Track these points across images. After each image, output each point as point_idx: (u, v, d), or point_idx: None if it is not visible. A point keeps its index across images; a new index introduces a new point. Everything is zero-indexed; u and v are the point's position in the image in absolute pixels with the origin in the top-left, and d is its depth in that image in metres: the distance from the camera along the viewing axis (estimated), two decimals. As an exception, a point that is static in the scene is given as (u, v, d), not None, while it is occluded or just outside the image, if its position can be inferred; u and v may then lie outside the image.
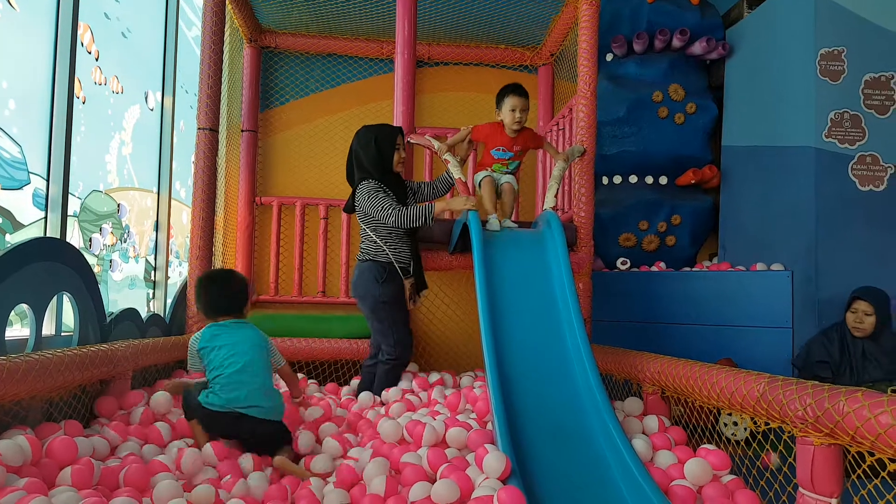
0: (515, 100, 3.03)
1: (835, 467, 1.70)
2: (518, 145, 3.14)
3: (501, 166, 3.16)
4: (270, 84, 4.71)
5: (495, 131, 3.14)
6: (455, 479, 1.85)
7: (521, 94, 3.04)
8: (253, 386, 2.24)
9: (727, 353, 3.64)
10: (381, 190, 2.96)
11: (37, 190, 2.74)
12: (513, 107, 3.04)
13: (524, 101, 3.04)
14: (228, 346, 2.29)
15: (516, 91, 3.05)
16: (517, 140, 3.13)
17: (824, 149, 3.72)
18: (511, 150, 3.13)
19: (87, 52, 3.16)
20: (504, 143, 3.12)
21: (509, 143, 3.13)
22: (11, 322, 2.16)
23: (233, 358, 2.26)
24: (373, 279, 2.98)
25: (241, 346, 2.30)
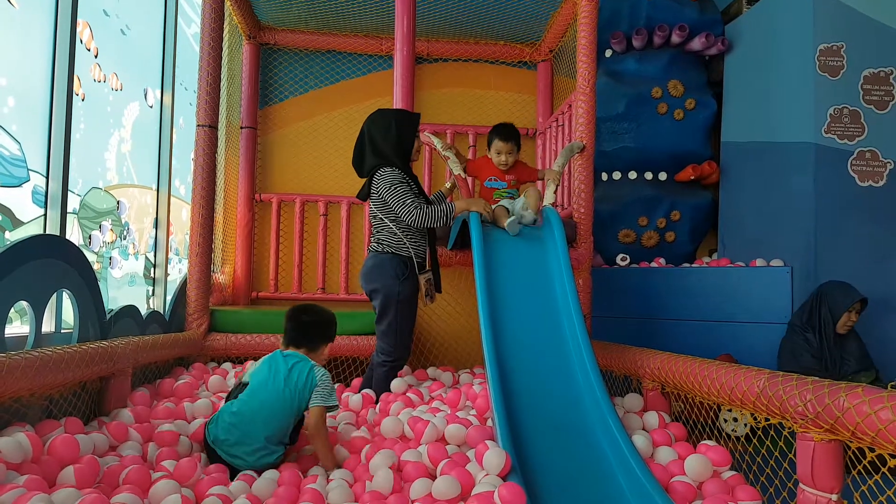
0: (500, 144, 3.09)
1: (835, 463, 1.70)
2: (511, 176, 3.17)
3: (501, 193, 3.14)
4: (270, 81, 4.71)
5: (486, 163, 3.17)
6: (455, 475, 1.85)
7: (505, 139, 3.07)
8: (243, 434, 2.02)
9: (727, 348, 3.64)
10: (404, 182, 2.85)
11: (36, 187, 2.74)
12: (498, 150, 3.10)
13: (509, 145, 3.08)
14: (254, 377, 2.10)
15: (501, 135, 3.08)
16: (509, 171, 3.17)
17: (824, 144, 3.72)
18: (504, 180, 3.15)
19: (86, 50, 3.15)
20: (496, 174, 3.15)
21: (501, 173, 3.16)
22: (11, 319, 2.16)
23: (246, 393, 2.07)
24: (393, 274, 2.86)
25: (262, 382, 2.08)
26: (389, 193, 2.82)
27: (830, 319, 3.25)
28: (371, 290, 2.94)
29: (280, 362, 2.14)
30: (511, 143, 3.09)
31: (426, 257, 3.01)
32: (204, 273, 3.57)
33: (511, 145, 3.09)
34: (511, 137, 3.09)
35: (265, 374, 2.12)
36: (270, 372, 2.12)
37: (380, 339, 2.98)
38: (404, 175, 2.88)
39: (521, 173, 3.22)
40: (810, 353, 3.22)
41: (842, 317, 3.23)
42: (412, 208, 2.80)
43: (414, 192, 2.88)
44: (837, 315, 3.25)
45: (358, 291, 4.43)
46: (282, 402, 2.07)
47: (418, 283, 2.94)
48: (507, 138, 3.09)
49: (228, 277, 4.41)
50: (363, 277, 2.98)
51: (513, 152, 3.11)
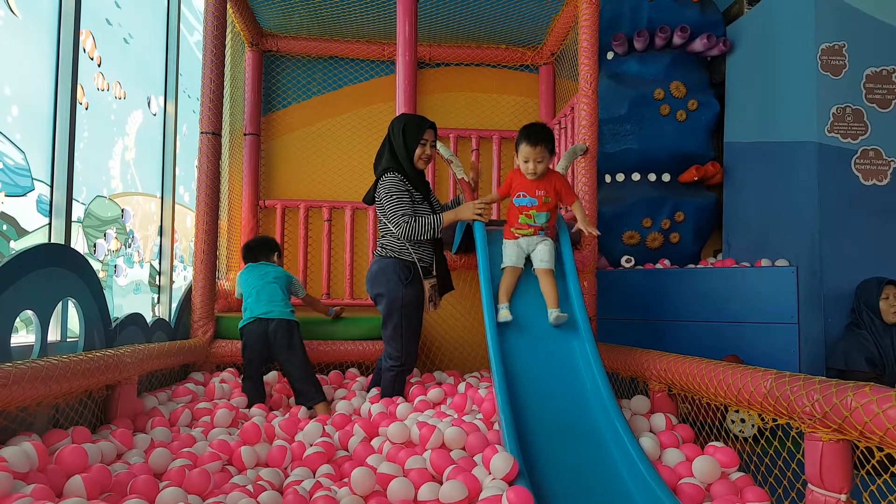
0: (526, 149, 2.64)
1: (844, 463, 1.69)
2: (541, 189, 2.66)
3: (527, 219, 2.67)
4: (272, 87, 4.72)
5: (516, 176, 2.73)
6: (462, 479, 1.85)
7: (532, 142, 2.63)
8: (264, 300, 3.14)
9: (733, 349, 3.63)
10: (402, 191, 2.83)
11: (41, 196, 2.75)
12: (525, 157, 2.65)
13: (537, 149, 2.62)
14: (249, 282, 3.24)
15: (528, 138, 2.64)
16: (540, 184, 2.67)
17: (827, 144, 3.71)
18: (533, 195, 2.65)
19: (89, 58, 3.17)
20: (525, 188, 2.67)
21: (531, 187, 2.67)
22: (17, 328, 2.16)
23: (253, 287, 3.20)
24: (396, 279, 2.85)
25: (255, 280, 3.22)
26: (387, 201, 2.84)
27: (870, 311, 3.34)
28: (375, 295, 2.94)
29: (256, 266, 3.31)
30: (540, 147, 2.62)
31: (432, 262, 2.99)
32: (209, 280, 3.58)
33: (540, 149, 2.62)
34: (540, 139, 2.62)
35: (253, 274, 3.25)
36: (255, 272, 3.26)
37: (386, 344, 2.98)
38: (406, 182, 2.88)
39: (554, 187, 2.69)
40: (864, 356, 3.27)
41: (880, 304, 3.32)
42: (401, 221, 2.81)
43: (410, 202, 2.85)
44: (874, 304, 3.33)
45: (363, 296, 4.43)
46: (274, 272, 3.27)
47: (423, 288, 2.93)
48: (536, 141, 2.62)
49: (233, 284, 4.42)
50: (368, 282, 2.98)
51: (543, 158, 2.64)
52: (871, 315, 3.32)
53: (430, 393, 2.92)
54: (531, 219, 2.67)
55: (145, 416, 2.56)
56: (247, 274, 3.28)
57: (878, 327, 3.30)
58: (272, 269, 3.29)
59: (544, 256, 2.66)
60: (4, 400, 1.78)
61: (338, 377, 3.46)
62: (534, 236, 2.69)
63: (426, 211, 2.96)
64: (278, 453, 2.20)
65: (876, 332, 3.30)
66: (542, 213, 2.68)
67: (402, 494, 1.83)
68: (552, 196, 2.68)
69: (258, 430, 2.35)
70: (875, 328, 3.30)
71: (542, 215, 2.68)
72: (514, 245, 2.70)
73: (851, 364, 3.27)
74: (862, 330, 3.36)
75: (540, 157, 2.63)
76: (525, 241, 2.70)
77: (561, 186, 2.71)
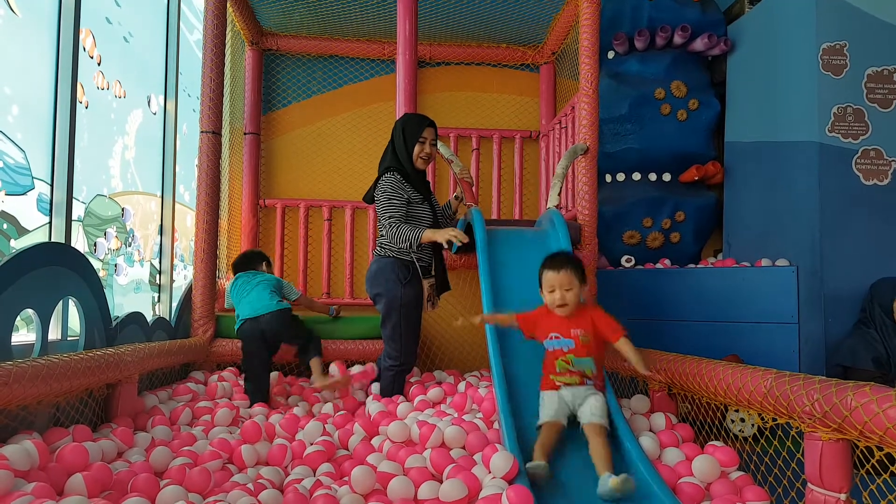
0: (551, 277, 2.21)
1: (843, 462, 1.69)
2: (577, 327, 2.17)
3: (565, 364, 2.16)
4: (272, 86, 4.72)
5: (543, 314, 2.28)
6: (462, 478, 1.85)
7: (556, 268, 2.21)
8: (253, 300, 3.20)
9: (733, 349, 3.63)
10: (396, 193, 2.84)
11: (41, 195, 2.75)
12: (550, 286, 2.21)
13: (562, 275, 2.19)
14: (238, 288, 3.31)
15: (551, 264, 2.24)
16: (574, 320, 2.18)
17: (828, 143, 3.71)
18: (568, 335, 2.16)
19: (89, 57, 3.17)
20: (556, 327, 2.19)
21: (563, 325, 2.18)
22: (17, 327, 2.17)
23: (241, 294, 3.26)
24: (395, 278, 2.86)
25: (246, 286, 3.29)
26: (380, 202, 2.88)
27: (883, 311, 3.32)
28: (374, 295, 2.95)
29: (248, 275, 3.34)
30: (566, 272, 2.17)
31: (431, 262, 3.00)
32: (209, 279, 3.58)
33: (566, 275, 2.17)
34: (566, 263, 2.19)
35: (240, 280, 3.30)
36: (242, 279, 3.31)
37: (386, 344, 2.99)
38: (403, 183, 2.88)
39: (591, 321, 2.19)
40: (871, 356, 3.25)
41: (894, 306, 3.30)
42: (387, 225, 2.83)
43: (403, 205, 2.85)
44: (888, 305, 3.31)
45: (363, 296, 4.43)
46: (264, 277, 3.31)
47: (422, 287, 2.93)
48: (560, 265, 2.19)
49: (233, 283, 4.42)
50: (367, 281, 2.98)
51: (572, 286, 2.18)
52: (883, 315, 3.31)
53: (430, 392, 2.92)
54: (570, 364, 2.14)
55: (146, 415, 2.57)
56: (235, 283, 3.35)
57: (889, 328, 3.29)
58: (259, 274, 3.35)
59: (595, 410, 2.08)
60: (5, 398, 1.78)
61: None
62: (580, 387, 2.13)
63: (424, 212, 2.96)
64: (279, 452, 2.20)
65: (886, 332, 3.29)
66: (583, 358, 2.13)
67: (402, 493, 1.84)
68: (591, 333, 2.16)
69: (258, 428, 2.35)
70: (885, 328, 3.30)
71: (585, 362, 2.14)
72: (555, 396, 2.14)
73: (858, 362, 3.27)
74: (871, 329, 3.34)
75: (568, 285, 2.18)
76: (570, 393, 2.13)
77: (599, 319, 2.20)
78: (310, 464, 2.15)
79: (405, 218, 2.87)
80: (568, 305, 2.20)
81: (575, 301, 2.21)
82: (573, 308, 2.21)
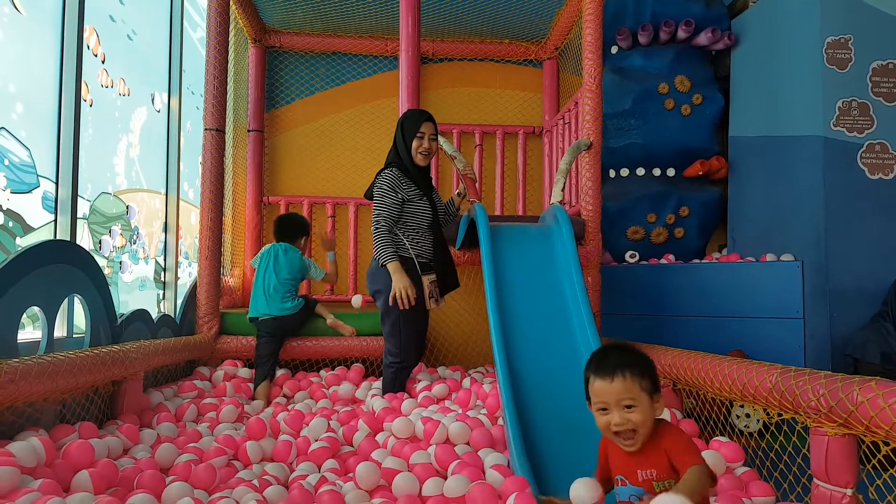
0: (601, 388, 1.45)
1: (849, 457, 1.68)
2: (646, 468, 1.45)
3: None
4: (276, 83, 4.72)
5: (608, 447, 1.56)
6: (467, 474, 1.85)
7: (607, 375, 1.44)
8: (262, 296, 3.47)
9: (738, 344, 3.62)
10: (390, 190, 2.85)
11: (46, 193, 2.76)
12: (603, 402, 1.45)
13: (619, 386, 1.42)
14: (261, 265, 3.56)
15: (600, 370, 1.46)
16: (643, 456, 1.45)
17: (832, 138, 3.69)
18: (635, 479, 1.46)
19: (93, 55, 3.18)
20: (622, 468, 1.50)
21: (629, 465, 1.48)
22: (23, 324, 2.18)
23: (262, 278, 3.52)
24: None
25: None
26: (374, 199, 2.91)
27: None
28: (374, 292, 2.96)
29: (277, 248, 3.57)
30: (622, 379, 1.42)
31: (432, 258, 2.99)
32: (214, 276, 3.59)
33: (623, 384, 1.42)
34: (622, 368, 1.43)
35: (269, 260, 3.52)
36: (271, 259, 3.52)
37: (386, 341, 3.00)
38: (400, 179, 2.89)
39: (665, 453, 1.43)
40: (881, 350, 3.22)
41: None
42: (377, 221, 2.87)
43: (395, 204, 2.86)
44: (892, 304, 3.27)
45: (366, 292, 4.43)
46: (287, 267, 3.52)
47: (421, 283, 2.92)
48: (614, 370, 1.44)
49: (238, 280, 4.43)
50: (368, 278, 3.00)
51: (636, 400, 1.42)
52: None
53: (434, 388, 2.93)
54: None
55: (151, 412, 2.58)
56: (265, 255, 3.56)
57: None
58: (285, 263, 3.53)
59: None
60: (12, 395, 1.79)
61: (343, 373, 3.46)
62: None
63: (423, 209, 2.96)
64: (283, 448, 2.21)
65: None
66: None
67: (406, 489, 1.84)
68: (665, 471, 1.43)
69: (263, 425, 2.36)
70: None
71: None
72: None
73: (867, 356, 3.25)
74: (887, 323, 3.31)
75: (630, 399, 1.42)
76: None
77: (671, 446, 1.42)
78: (314, 460, 2.16)
79: (395, 218, 2.88)
80: (635, 437, 1.43)
81: (642, 423, 1.42)
82: (644, 436, 1.43)
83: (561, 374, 2.42)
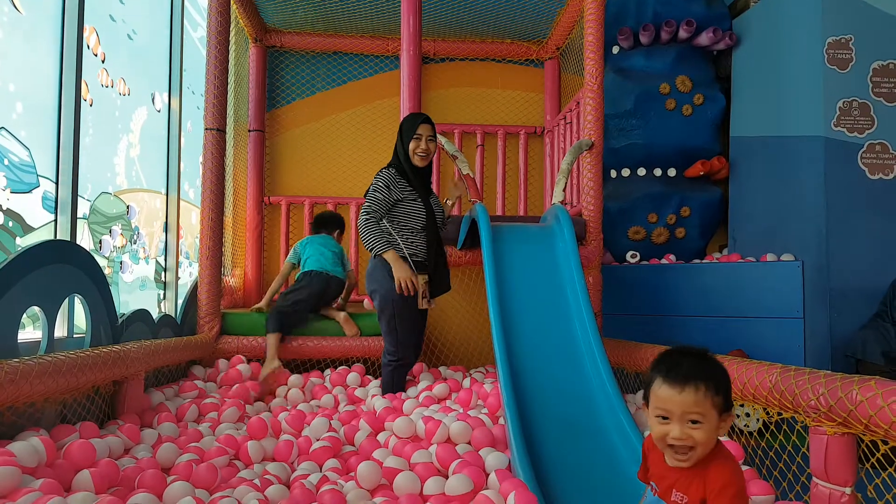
0: (667, 395, 1.30)
1: (848, 456, 1.69)
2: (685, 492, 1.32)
3: None
4: (277, 83, 4.73)
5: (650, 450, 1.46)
6: (468, 473, 1.85)
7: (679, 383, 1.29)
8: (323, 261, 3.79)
9: (738, 344, 3.62)
10: (381, 192, 2.90)
11: (46, 193, 2.76)
12: (663, 410, 1.29)
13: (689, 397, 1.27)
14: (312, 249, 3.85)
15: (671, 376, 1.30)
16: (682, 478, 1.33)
17: (833, 138, 3.69)
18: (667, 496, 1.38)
19: (93, 55, 3.18)
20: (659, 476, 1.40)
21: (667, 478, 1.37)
22: (24, 325, 2.18)
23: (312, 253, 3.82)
24: (386, 273, 2.89)
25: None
26: (368, 194, 2.95)
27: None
28: (371, 291, 3.01)
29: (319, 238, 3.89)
30: (697, 393, 1.27)
31: (427, 258, 2.99)
32: (214, 276, 3.59)
33: (698, 397, 1.27)
34: (696, 378, 1.28)
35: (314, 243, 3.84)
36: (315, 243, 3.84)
37: (384, 339, 3.04)
38: (396, 179, 2.93)
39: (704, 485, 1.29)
40: (881, 349, 3.23)
41: None
42: (365, 216, 2.90)
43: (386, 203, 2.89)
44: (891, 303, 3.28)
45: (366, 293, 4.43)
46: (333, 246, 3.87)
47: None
48: (686, 379, 1.28)
49: (239, 280, 4.43)
50: (365, 279, 3.04)
51: (705, 417, 1.27)
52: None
53: (435, 388, 2.93)
54: None
55: (152, 412, 2.58)
56: (308, 243, 3.85)
57: None
58: (331, 244, 3.87)
59: None
60: (12, 395, 1.79)
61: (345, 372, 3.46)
62: None
63: (417, 209, 2.97)
64: (285, 448, 2.21)
65: None
66: None
67: (408, 488, 1.84)
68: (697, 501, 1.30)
69: (265, 424, 2.36)
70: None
71: None
72: None
73: (868, 355, 3.25)
74: (887, 322, 3.32)
75: (696, 414, 1.27)
76: None
77: (715, 486, 1.27)
78: (316, 459, 2.16)
79: (383, 214, 2.93)
80: (689, 454, 1.28)
81: (707, 446, 1.28)
82: (700, 457, 1.29)
83: (562, 374, 2.43)
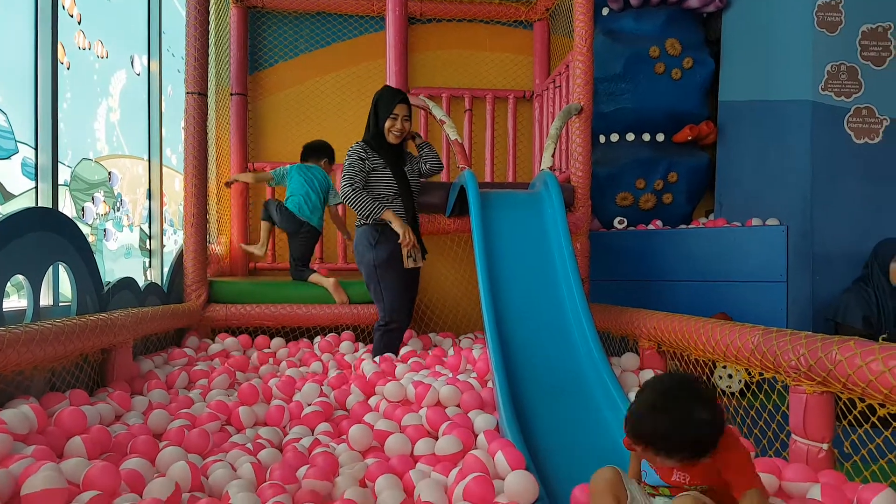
0: None
1: (826, 414, 1.74)
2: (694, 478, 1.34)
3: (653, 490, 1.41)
4: (259, 45, 4.61)
5: None
6: (457, 435, 1.89)
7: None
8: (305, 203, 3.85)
9: (722, 307, 3.68)
10: (357, 161, 2.96)
11: (25, 159, 2.70)
12: None
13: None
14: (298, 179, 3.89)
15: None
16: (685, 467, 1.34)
17: (820, 102, 3.69)
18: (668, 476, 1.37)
19: (69, 16, 3.07)
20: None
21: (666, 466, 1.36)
22: (9, 293, 2.16)
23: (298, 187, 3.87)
24: (367, 243, 3.00)
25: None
26: (343, 171, 3.00)
27: (881, 271, 3.37)
28: (358, 263, 3.12)
29: (307, 168, 3.92)
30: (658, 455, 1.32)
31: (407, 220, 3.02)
32: (200, 244, 3.57)
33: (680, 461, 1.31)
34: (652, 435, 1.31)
35: (302, 175, 3.88)
36: (304, 174, 3.88)
37: (377, 306, 3.12)
38: (366, 151, 2.98)
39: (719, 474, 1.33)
40: (862, 314, 3.32)
41: (891, 265, 3.34)
42: (343, 188, 2.96)
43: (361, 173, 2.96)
44: (886, 264, 3.35)
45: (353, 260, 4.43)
46: (319, 183, 3.89)
47: (395, 247, 2.97)
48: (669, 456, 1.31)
49: (225, 248, 4.40)
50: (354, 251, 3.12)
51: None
52: (880, 275, 3.37)
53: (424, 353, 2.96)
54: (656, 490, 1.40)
55: (141, 380, 2.58)
56: (296, 173, 3.88)
57: (885, 288, 3.35)
58: (319, 174, 3.90)
59: None
60: (0, 363, 1.78)
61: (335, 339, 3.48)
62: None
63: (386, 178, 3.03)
64: (276, 413, 2.24)
65: (881, 292, 3.35)
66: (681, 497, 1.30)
67: (399, 449, 1.88)
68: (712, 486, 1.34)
69: (255, 391, 2.38)
70: (881, 288, 3.35)
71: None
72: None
73: (848, 319, 3.33)
74: (868, 287, 3.40)
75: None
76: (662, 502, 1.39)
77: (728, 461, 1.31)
78: (308, 424, 2.18)
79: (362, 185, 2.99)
80: None
81: None
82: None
83: (549, 339, 2.46)
